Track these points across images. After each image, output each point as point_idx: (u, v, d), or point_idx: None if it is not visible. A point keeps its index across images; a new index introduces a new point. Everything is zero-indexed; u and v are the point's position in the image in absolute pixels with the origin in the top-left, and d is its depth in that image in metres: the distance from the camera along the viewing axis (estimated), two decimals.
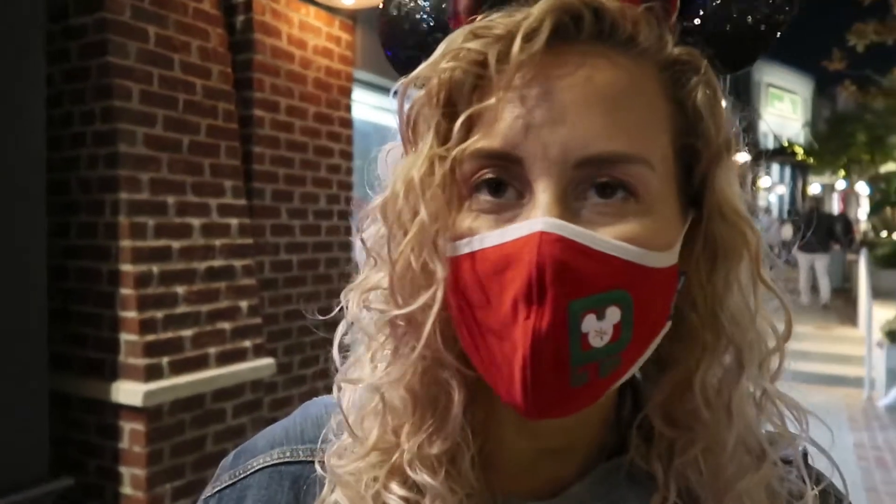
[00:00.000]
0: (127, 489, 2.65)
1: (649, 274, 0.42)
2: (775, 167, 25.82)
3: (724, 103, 0.47)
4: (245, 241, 3.16)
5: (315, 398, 0.58)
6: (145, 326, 2.67)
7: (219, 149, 3.07)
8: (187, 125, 2.93)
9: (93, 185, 2.71)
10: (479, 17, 0.44)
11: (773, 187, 25.85)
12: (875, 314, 6.67)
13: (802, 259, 10.06)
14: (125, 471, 2.64)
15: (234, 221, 3.11)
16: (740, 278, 0.46)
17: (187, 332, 2.81)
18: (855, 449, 5.04)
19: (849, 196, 25.93)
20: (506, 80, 0.41)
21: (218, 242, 3.02)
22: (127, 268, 2.67)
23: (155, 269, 2.74)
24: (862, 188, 22.74)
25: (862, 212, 22.33)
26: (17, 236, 2.33)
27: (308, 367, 3.60)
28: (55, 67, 2.71)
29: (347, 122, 3.82)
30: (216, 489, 0.55)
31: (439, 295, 0.43)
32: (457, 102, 0.43)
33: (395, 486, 0.46)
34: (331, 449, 0.49)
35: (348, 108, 3.83)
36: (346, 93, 3.82)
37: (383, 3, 0.52)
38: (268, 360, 3.13)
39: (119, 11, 2.68)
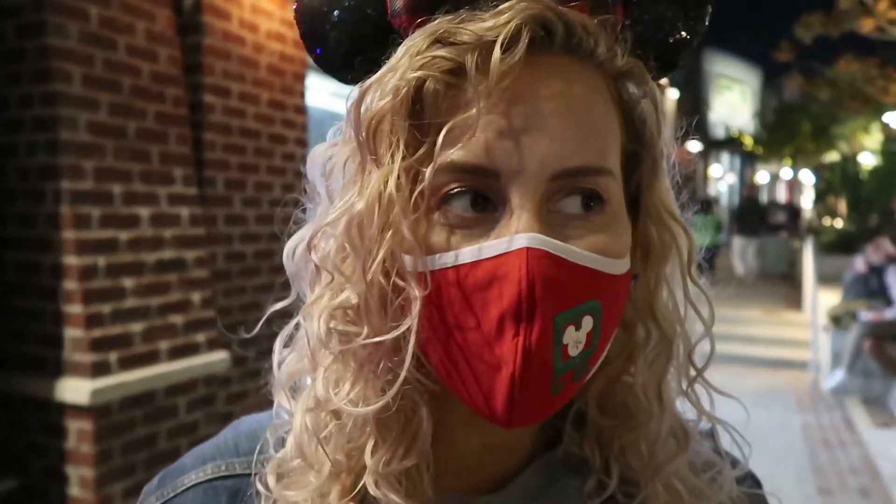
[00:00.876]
0: (74, 490, 2.55)
1: (614, 281, 0.43)
2: (725, 156, 26.49)
3: (663, 109, 0.49)
4: (196, 232, 3.07)
5: (243, 416, 0.56)
6: (91, 321, 2.56)
7: (167, 136, 2.96)
8: (133, 111, 2.81)
9: (32, 173, 2.58)
10: (434, 19, 0.42)
11: (723, 176, 26.54)
12: (819, 299, 6.91)
13: (737, 241, 11.55)
14: (72, 471, 2.54)
15: (184, 211, 3.00)
16: (672, 276, 0.49)
17: (136, 327, 2.71)
18: (802, 430, 5.22)
19: (795, 184, 26.77)
20: (486, 91, 0.40)
21: (168, 233, 2.91)
22: (71, 260, 2.55)
23: (101, 261, 2.63)
24: (807, 177, 23.48)
25: (807, 200, 23.09)
26: None
27: (264, 361, 3.50)
28: None
29: (302, 109, 3.73)
30: None
31: (417, 317, 0.41)
32: (422, 114, 0.41)
33: None
34: (270, 464, 0.46)
35: (303, 95, 3.74)
36: (301, 78, 3.73)
37: (297, 2, 0.48)
38: (222, 354, 3.05)
39: None
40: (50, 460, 2.58)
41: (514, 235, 0.40)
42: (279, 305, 0.49)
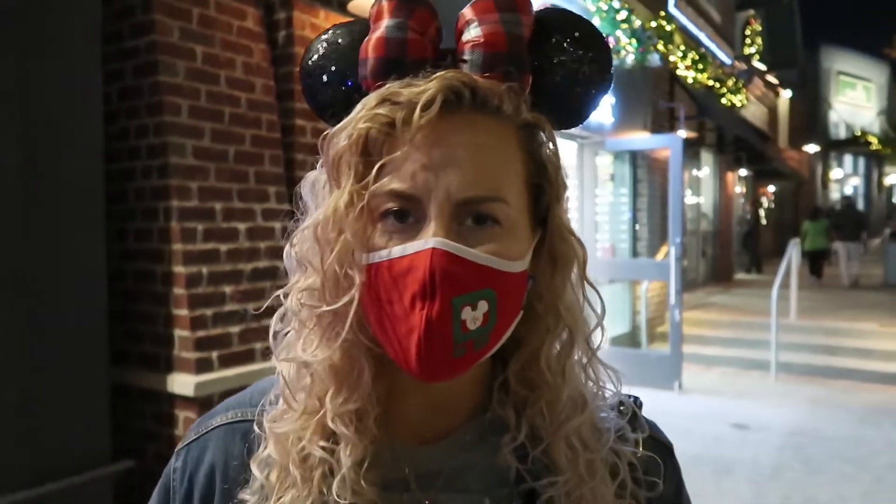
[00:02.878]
0: None
1: (508, 277, 0.57)
2: (848, 158, 24.72)
3: (560, 153, 0.63)
4: None
5: (265, 378, 0.73)
6: (196, 323, 2.89)
7: (263, 157, 3.28)
8: (233, 136, 3.15)
9: (147, 193, 2.96)
10: (386, 84, 0.58)
11: (846, 178, 24.76)
12: None
13: (840, 247, 12.45)
14: None
15: (277, 225, 3.31)
16: (572, 279, 0.63)
17: (234, 329, 3.02)
18: None
19: None
20: (409, 138, 0.56)
21: (262, 245, 3.22)
22: (179, 269, 2.90)
23: (204, 270, 2.96)
24: None
25: None
26: (80, 242, 2.58)
27: None
28: (111, 86, 2.97)
29: None
30: (185, 443, 0.70)
31: (357, 295, 0.57)
32: (371, 152, 0.58)
33: (317, 440, 0.60)
34: (267, 414, 0.63)
35: None
36: None
37: (301, 63, 0.66)
38: None
39: (168, 33, 2.92)
40: (161, 445, 2.93)
41: (427, 239, 0.55)
42: (280, 291, 0.64)
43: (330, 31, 0.65)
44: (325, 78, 0.64)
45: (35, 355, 2.41)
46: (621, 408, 0.67)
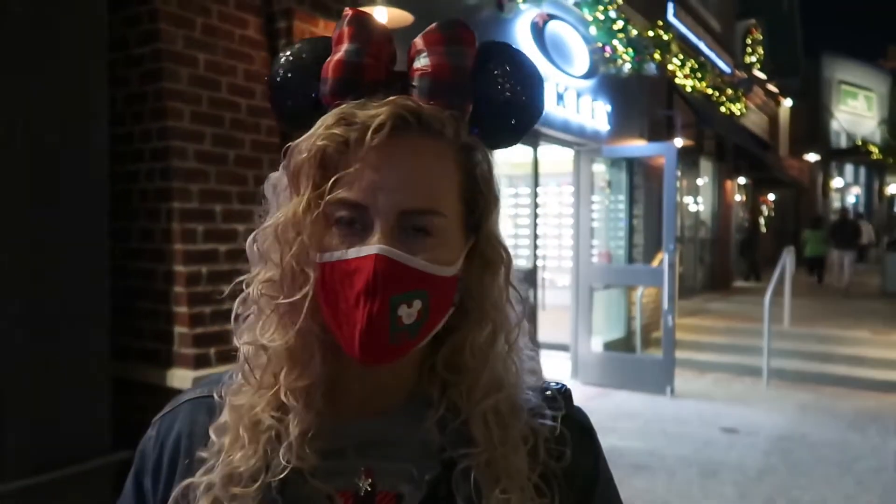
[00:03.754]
0: None
1: (440, 280, 0.66)
2: (849, 167, 24.79)
3: (495, 172, 0.73)
4: None
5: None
6: (195, 320, 3.00)
7: (262, 161, 3.39)
8: (233, 141, 3.26)
9: (150, 195, 3.08)
10: (344, 103, 0.67)
11: (847, 188, 24.82)
12: None
13: (835, 254, 13.25)
14: None
15: None
16: (499, 280, 0.72)
17: (232, 326, 3.13)
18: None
19: None
20: (360, 156, 0.65)
21: None
22: (179, 268, 3.01)
23: (204, 269, 3.08)
24: None
25: None
26: (85, 240, 2.69)
27: None
28: (117, 92, 3.08)
29: None
30: (160, 415, 0.80)
31: (311, 290, 0.67)
32: (327, 166, 0.67)
33: (269, 410, 0.69)
34: (227, 387, 0.73)
35: None
36: None
37: (268, 76, 0.75)
38: None
39: (172, 41, 3.04)
40: None
41: (373, 245, 0.63)
42: (243, 278, 0.72)
43: (296, 47, 0.74)
44: (289, 91, 0.72)
45: (40, 349, 2.52)
46: (547, 393, 0.75)
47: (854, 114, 23.92)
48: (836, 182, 23.79)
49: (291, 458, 0.66)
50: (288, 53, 0.73)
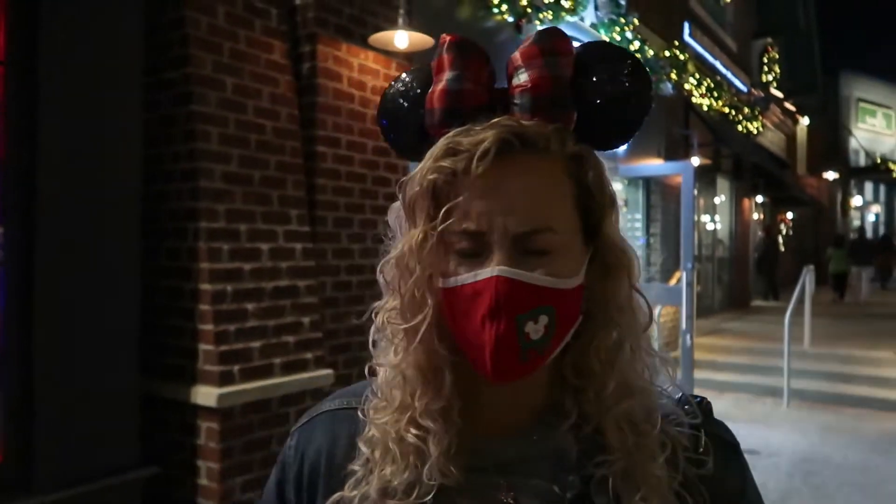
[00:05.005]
0: (203, 480, 3.03)
1: (563, 293, 0.67)
2: (869, 185, 24.55)
3: (606, 174, 0.73)
4: (308, 264, 3.53)
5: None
6: (220, 338, 3.06)
7: (286, 182, 3.47)
8: (258, 162, 3.34)
9: (179, 215, 3.15)
10: (450, 132, 0.69)
11: (866, 206, 24.56)
12: None
13: (854, 269, 14.31)
14: (202, 464, 3.03)
15: (298, 246, 3.48)
16: (623, 285, 0.71)
17: (256, 344, 3.19)
18: None
19: None
20: (468, 185, 0.68)
21: (284, 265, 3.40)
22: (205, 287, 3.08)
23: (229, 287, 3.14)
24: None
25: None
26: (117, 259, 2.77)
27: (366, 379, 3.92)
28: (150, 115, 3.18)
29: None
30: (298, 425, 0.83)
31: (430, 314, 0.70)
32: (439, 196, 0.69)
33: (411, 429, 0.71)
34: (368, 404, 0.75)
35: None
36: None
37: (380, 105, 0.77)
38: (327, 371, 3.47)
39: (202, 66, 3.13)
40: (185, 454, 3.09)
41: (492, 268, 0.64)
42: (376, 305, 0.75)
43: (402, 81, 0.76)
44: (400, 125, 0.75)
45: (72, 364, 2.59)
46: (686, 407, 0.74)
47: (873, 131, 23.73)
48: (856, 200, 23.55)
49: (436, 475, 0.68)
50: (396, 88, 0.75)
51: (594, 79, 0.69)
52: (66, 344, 2.57)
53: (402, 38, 3.80)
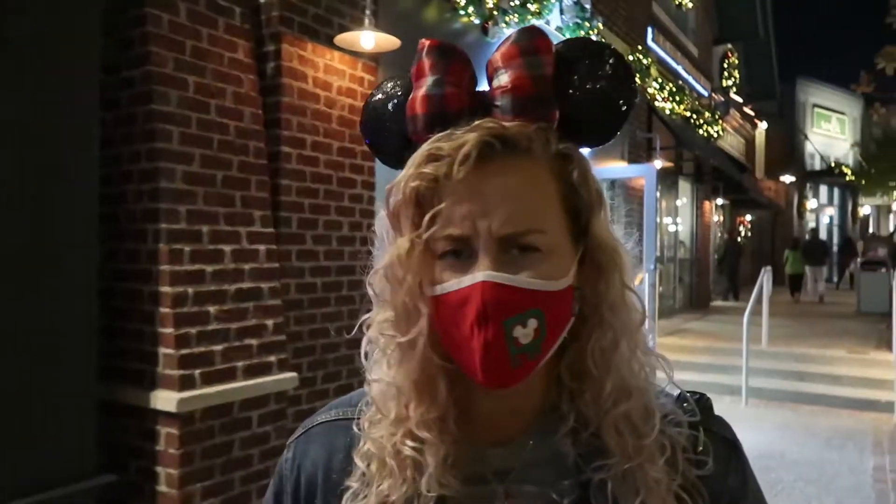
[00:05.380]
0: (162, 487, 2.97)
1: (552, 295, 0.65)
2: (824, 188, 25.28)
3: (591, 171, 0.71)
4: (272, 266, 3.49)
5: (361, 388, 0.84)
6: (180, 341, 3.00)
7: (249, 183, 3.42)
8: (221, 162, 3.28)
9: (137, 216, 3.08)
10: (432, 138, 0.68)
11: (821, 209, 25.28)
12: None
13: (808, 269, 15.26)
14: (161, 470, 2.96)
15: (262, 248, 3.44)
16: (615, 284, 0.69)
17: (218, 347, 3.13)
18: (874, 472, 5.05)
19: None
20: (451, 190, 0.67)
21: (247, 266, 3.35)
22: (166, 289, 3.02)
23: (190, 290, 3.08)
24: None
25: None
26: (73, 261, 2.69)
27: (331, 382, 3.90)
28: (108, 113, 3.10)
29: (370, 155, 4.12)
30: (294, 437, 0.82)
31: (426, 324, 0.68)
32: (422, 203, 0.68)
33: (408, 441, 0.70)
34: (364, 417, 0.74)
35: None
36: None
37: (363, 114, 0.77)
38: (291, 374, 3.43)
39: (163, 64, 3.07)
40: (144, 460, 3.02)
41: (476, 273, 0.63)
42: (366, 317, 0.74)
43: (383, 89, 0.75)
44: (382, 133, 0.74)
45: (26, 370, 2.51)
46: (685, 405, 0.72)
47: (828, 136, 24.46)
48: (811, 203, 24.23)
49: (434, 486, 0.67)
50: (376, 97, 0.74)
51: (576, 76, 0.67)
52: (21, 348, 2.49)
53: (368, 39, 3.78)
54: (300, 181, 3.74)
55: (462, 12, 5.02)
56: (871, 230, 27.14)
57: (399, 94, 0.72)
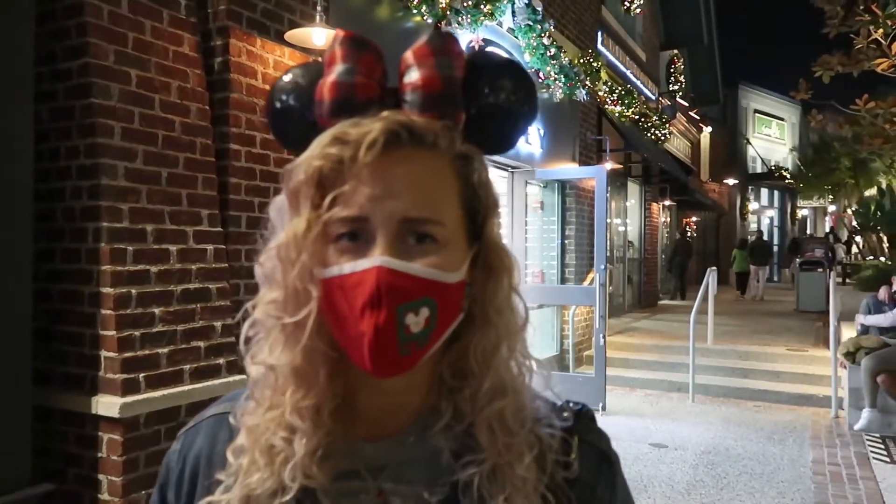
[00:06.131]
0: (104, 495, 2.85)
1: (446, 286, 0.66)
2: (765, 191, 26.18)
3: (490, 178, 0.73)
4: (220, 266, 3.40)
5: None
6: (123, 344, 2.89)
7: (196, 180, 3.32)
8: (166, 159, 3.18)
9: (76, 214, 2.96)
10: (338, 122, 0.68)
11: (762, 210, 26.18)
12: (843, 335, 6.89)
13: (752, 269, 16.14)
14: (103, 478, 2.85)
15: (210, 247, 3.35)
16: (503, 286, 0.71)
17: (163, 350, 3.03)
18: (812, 465, 5.23)
19: (840, 219, 26.19)
20: (355, 173, 0.66)
21: (194, 267, 3.25)
22: (107, 290, 2.90)
23: (133, 291, 2.97)
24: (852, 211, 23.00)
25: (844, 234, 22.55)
26: (5, 262, 2.56)
27: None
28: (43, 106, 2.97)
29: None
30: (185, 429, 0.80)
31: (315, 308, 0.67)
32: (324, 185, 0.67)
33: (280, 431, 0.69)
34: (241, 408, 0.73)
35: None
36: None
37: (269, 95, 0.75)
38: (241, 377, 3.35)
39: (103, 57, 2.95)
40: (83, 468, 2.90)
41: (374, 258, 0.63)
42: (251, 302, 0.72)
43: (292, 72, 0.75)
44: (287, 115, 0.73)
45: None
46: (564, 413, 0.74)
47: (768, 140, 25.36)
48: (753, 205, 25.07)
49: (299, 476, 0.66)
50: (285, 80, 0.74)
51: (482, 83, 0.70)
52: None
53: (319, 36, 3.73)
54: (250, 179, 3.66)
55: (415, 11, 5.00)
56: (808, 231, 28.27)
57: (308, 78, 0.72)
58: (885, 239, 15.22)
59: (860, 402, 6.10)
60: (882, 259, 14.39)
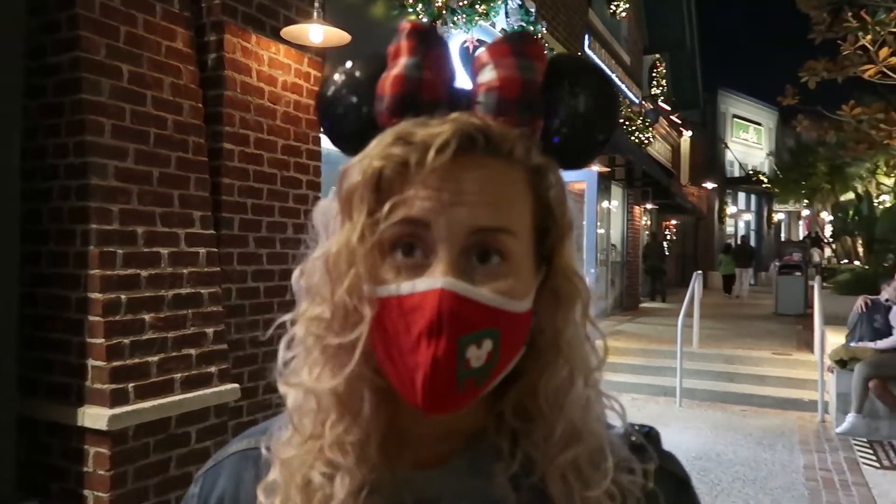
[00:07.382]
0: None
1: (512, 316, 0.58)
2: (742, 195, 26.49)
3: (568, 196, 0.65)
4: (212, 269, 3.27)
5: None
6: (112, 352, 2.76)
7: (188, 181, 3.19)
8: (158, 158, 3.05)
9: (64, 215, 2.82)
10: (402, 122, 0.60)
11: (739, 214, 26.50)
12: (833, 340, 6.93)
13: (737, 271, 17.20)
14: (89, 493, 2.71)
15: (202, 250, 3.22)
16: (575, 317, 0.63)
17: (153, 358, 2.90)
18: (804, 471, 5.24)
19: (814, 223, 26.60)
20: (420, 178, 0.58)
21: (186, 271, 3.13)
22: (95, 295, 2.77)
23: (123, 296, 2.84)
24: (827, 216, 23.38)
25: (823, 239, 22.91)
26: None
27: (273, 393, 3.70)
28: (32, 102, 2.82)
29: (316, 154, 3.96)
30: (203, 470, 0.71)
31: (366, 329, 0.58)
32: (383, 189, 0.59)
33: (318, 465, 0.61)
34: (275, 439, 0.64)
35: (317, 141, 3.98)
36: (315, 126, 3.96)
37: (321, 88, 0.68)
38: (232, 386, 3.23)
39: (94, 51, 2.81)
40: (69, 483, 2.75)
41: (436, 279, 0.55)
42: (287, 316, 0.64)
43: (348, 65, 0.67)
44: (342, 110, 0.65)
45: None
46: (632, 438, 0.67)
47: (746, 145, 25.68)
48: (731, 209, 25.36)
49: None
50: (341, 71, 0.66)
51: (566, 91, 0.63)
52: None
53: (316, 33, 3.62)
54: (243, 180, 3.53)
55: (411, 10, 4.91)
56: (783, 235, 28.68)
57: (368, 70, 0.65)
58: (860, 242, 15.46)
59: (847, 406, 6.14)
60: (857, 263, 14.61)
